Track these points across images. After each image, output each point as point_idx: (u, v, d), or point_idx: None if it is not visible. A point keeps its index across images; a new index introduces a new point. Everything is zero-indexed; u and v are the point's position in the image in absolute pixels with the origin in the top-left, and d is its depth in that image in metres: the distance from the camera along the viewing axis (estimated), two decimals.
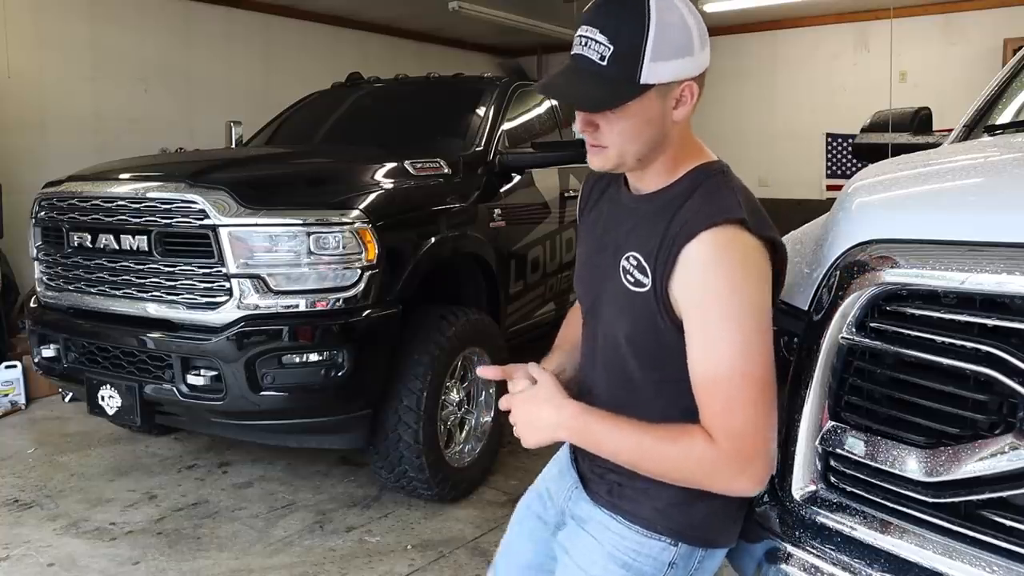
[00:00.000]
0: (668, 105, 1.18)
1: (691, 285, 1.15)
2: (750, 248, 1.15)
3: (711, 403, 1.15)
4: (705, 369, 1.15)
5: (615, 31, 1.13)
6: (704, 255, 1.14)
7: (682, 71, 1.17)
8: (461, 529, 3.16)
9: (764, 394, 1.14)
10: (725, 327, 1.13)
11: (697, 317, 1.16)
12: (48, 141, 5.86)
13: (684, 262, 1.15)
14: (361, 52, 8.21)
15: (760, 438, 1.14)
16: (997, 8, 7.51)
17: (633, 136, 1.18)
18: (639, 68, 1.13)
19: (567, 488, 1.43)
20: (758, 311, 1.15)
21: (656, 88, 1.15)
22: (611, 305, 1.28)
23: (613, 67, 1.13)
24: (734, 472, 1.14)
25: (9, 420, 4.52)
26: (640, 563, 1.27)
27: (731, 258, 1.14)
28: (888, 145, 2.62)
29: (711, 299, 1.14)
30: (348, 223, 2.95)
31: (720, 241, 1.14)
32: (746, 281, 1.14)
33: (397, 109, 4.60)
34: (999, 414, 1.09)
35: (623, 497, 1.30)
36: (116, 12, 6.34)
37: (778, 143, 8.71)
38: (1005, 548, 1.07)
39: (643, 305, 1.21)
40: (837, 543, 1.24)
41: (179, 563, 2.90)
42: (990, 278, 1.08)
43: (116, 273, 3.15)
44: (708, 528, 1.29)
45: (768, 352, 1.16)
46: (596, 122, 1.18)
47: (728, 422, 1.13)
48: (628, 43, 1.12)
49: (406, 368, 3.13)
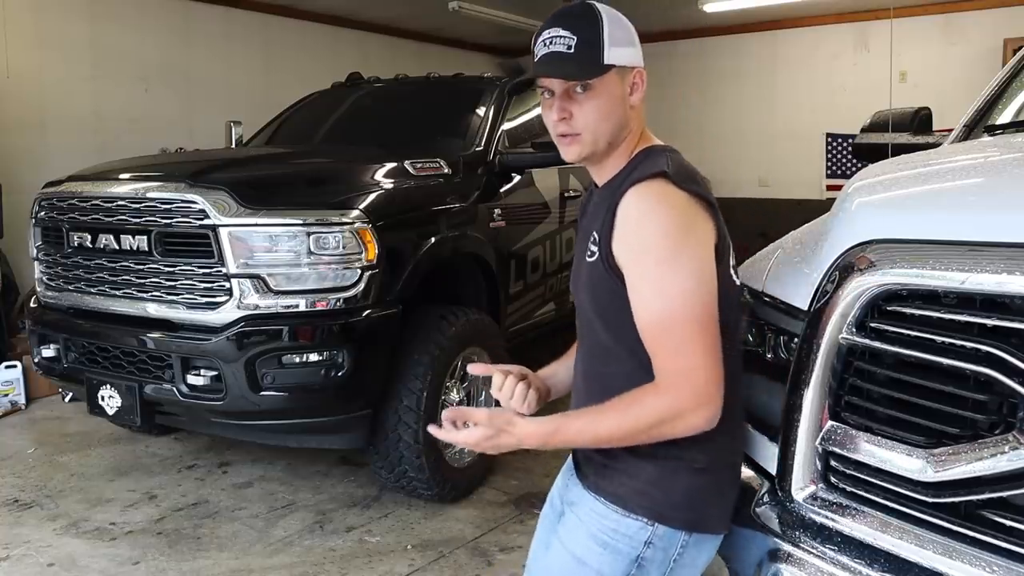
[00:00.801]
0: (626, 89, 1.35)
1: (625, 239, 1.27)
2: (674, 196, 1.26)
3: (659, 348, 1.25)
4: (647, 316, 1.25)
5: (576, 27, 1.32)
6: (631, 209, 1.27)
7: (633, 58, 1.36)
8: (461, 529, 3.16)
9: (707, 333, 1.23)
10: (660, 272, 1.23)
11: (634, 269, 1.26)
12: (48, 141, 5.86)
13: (619, 219, 1.28)
14: (361, 52, 8.20)
15: (708, 371, 1.23)
16: (997, 8, 7.50)
17: (604, 115, 1.33)
18: (601, 51, 1.31)
19: (566, 478, 1.51)
20: (691, 252, 1.24)
21: (616, 69, 1.33)
22: (580, 284, 1.40)
23: (580, 52, 1.31)
24: (690, 409, 1.23)
25: (9, 420, 4.52)
26: (616, 541, 1.31)
27: (657, 206, 1.26)
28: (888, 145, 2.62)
29: (643, 248, 1.25)
30: (348, 223, 2.95)
31: (643, 193, 1.27)
32: (673, 226, 1.25)
33: (397, 109, 4.60)
34: (999, 414, 1.09)
35: (605, 478, 1.36)
36: (116, 12, 6.34)
37: (778, 143, 8.71)
38: (1005, 548, 1.07)
39: (597, 272, 1.32)
40: (837, 543, 1.24)
41: (179, 563, 2.90)
42: (990, 278, 1.08)
43: (116, 273, 3.15)
44: (688, 508, 1.31)
45: (706, 293, 1.24)
46: (570, 108, 1.33)
47: (676, 363, 1.23)
48: (589, 33, 1.31)
49: (406, 368, 3.13)
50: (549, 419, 1.31)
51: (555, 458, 1.57)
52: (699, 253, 1.25)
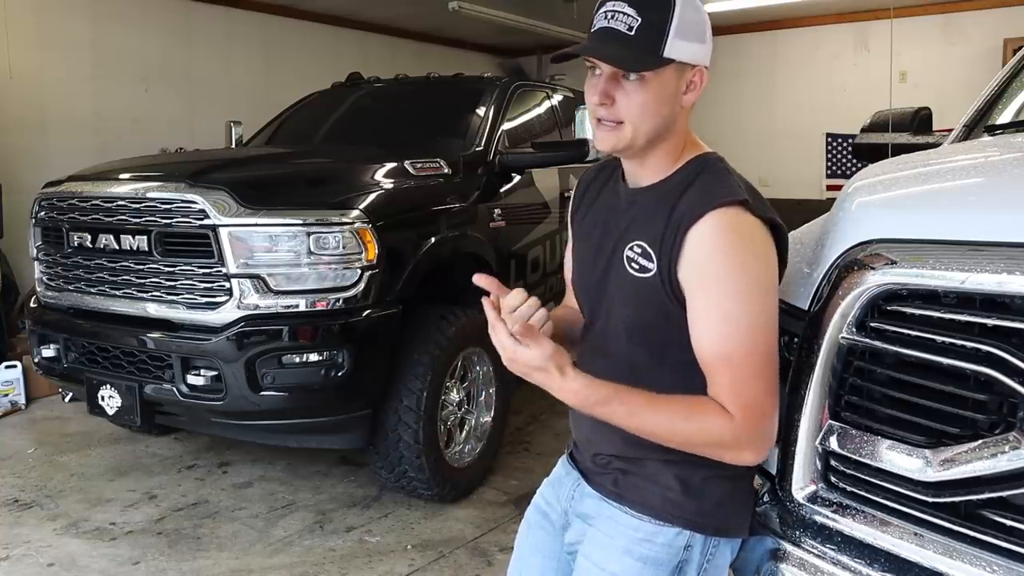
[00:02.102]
0: (681, 87, 1.23)
1: (698, 264, 1.18)
2: (754, 228, 1.20)
3: (720, 379, 1.19)
4: (713, 346, 1.19)
5: (644, 5, 1.19)
6: (710, 235, 1.17)
7: (698, 55, 1.23)
8: (461, 529, 3.16)
9: (769, 368, 1.19)
10: (732, 304, 1.17)
11: (704, 295, 1.19)
12: (49, 141, 5.86)
13: (691, 243, 1.18)
14: (361, 52, 8.21)
15: (767, 411, 1.20)
16: (997, 8, 7.50)
17: (650, 111, 1.21)
18: (664, 41, 1.18)
19: (568, 489, 1.43)
20: (764, 288, 1.19)
21: (675, 65, 1.20)
22: (618, 296, 1.30)
23: (640, 36, 1.18)
24: (742, 444, 1.19)
25: (9, 420, 4.52)
26: (656, 552, 1.27)
27: (736, 237, 1.18)
28: (888, 145, 2.62)
29: (718, 277, 1.17)
30: (348, 223, 2.95)
31: (725, 221, 1.17)
32: (752, 259, 1.18)
33: (397, 109, 4.60)
34: (999, 414, 1.09)
35: (629, 486, 1.30)
36: (117, 12, 6.34)
37: (778, 143, 8.71)
38: (1005, 548, 1.07)
39: (649, 290, 1.24)
40: (837, 543, 1.24)
41: (179, 563, 2.90)
42: (990, 278, 1.07)
43: (116, 273, 3.15)
44: (718, 515, 1.29)
45: (773, 328, 1.20)
46: (614, 94, 1.21)
47: (741, 397, 1.18)
48: (655, 17, 1.18)
49: (406, 368, 3.13)
50: (600, 384, 1.19)
51: (557, 458, 1.55)
52: (769, 289, 1.20)
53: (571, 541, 1.42)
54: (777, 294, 1.22)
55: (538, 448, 3.95)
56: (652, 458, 1.28)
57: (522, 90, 4.50)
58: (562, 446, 1.45)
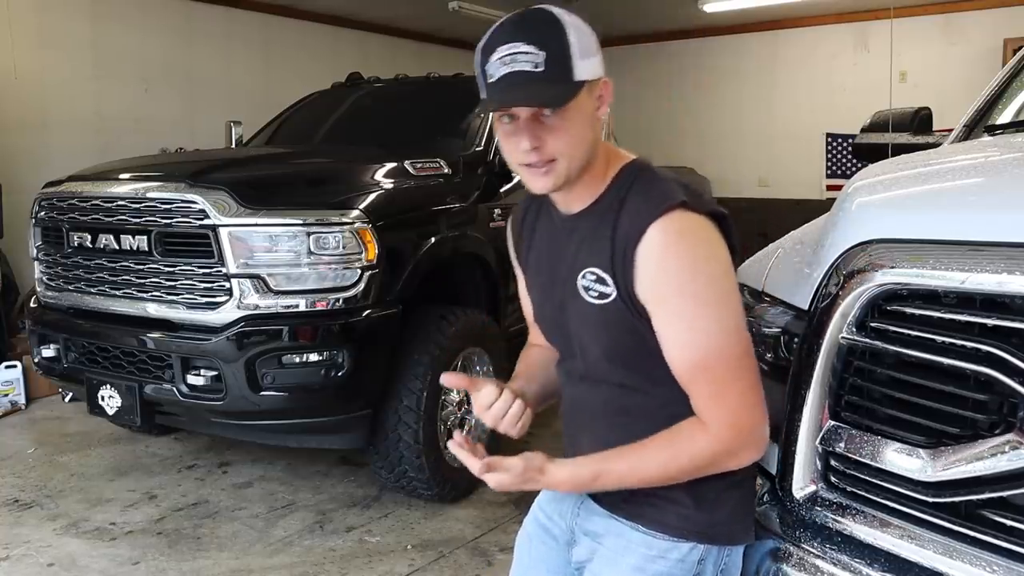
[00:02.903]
0: (594, 104, 1.21)
1: (654, 279, 1.16)
2: (698, 226, 1.18)
3: (699, 390, 1.18)
4: (686, 358, 1.18)
5: (542, 40, 1.15)
6: (658, 247, 1.15)
7: (599, 68, 1.21)
8: (461, 529, 3.16)
9: (746, 366, 1.18)
10: (695, 312, 1.16)
11: (666, 309, 1.17)
12: (49, 141, 5.86)
13: (641, 259, 1.16)
14: (361, 52, 8.20)
15: (753, 409, 1.18)
16: (997, 8, 7.50)
17: (579, 139, 1.19)
18: (572, 67, 1.16)
19: (572, 506, 1.40)
20: (722, 287, 1.17)
21: (587, 85, 1.18)
22: (584, 327, 1.27)
23: (551, 70, 1.14)
24: (739, 448, 1.19)
25: (9, 420, 4.52)
26: (670, 568, 1.25)
27: (684, 242, 1.16)
28: (888, 145, 2.62)
29: (676, 288, 1.16)
30: (348, 223, 2.95)
31: (669, 229, 1.15)
32: (703, 261, 1.17)
33: (397, 109, 4.60)
34: (999, 414, 1.09)
35: (642, 504, 1.28)
36: (118, 12, 6.34)
37: (778, 143, 8.71)
38: (1005, 548, 1.07)
39: (615, 314, 1.21)
40: (837, 543, 1.24)
41: (179, 563, 2.90)
42: (990, 278, 1.07)
43: (116, 273, 3.15)
44: (730, 524, 1.28)
45: (740, 323, 1.18)
46: (541, 135, 1.17)
47: (721, 406, 1.17)
48: (557, 46, 1.15)
49: (406, 368, 3.13)
50: (584, 463, 1.22)
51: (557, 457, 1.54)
52: (728, 285, 1.18)
53: (580, 559, 1.38)
54: (737, 288, 1.21)
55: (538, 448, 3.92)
56: None
57: None
58: (562, 446, 1.44)
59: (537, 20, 1.17)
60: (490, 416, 1.30)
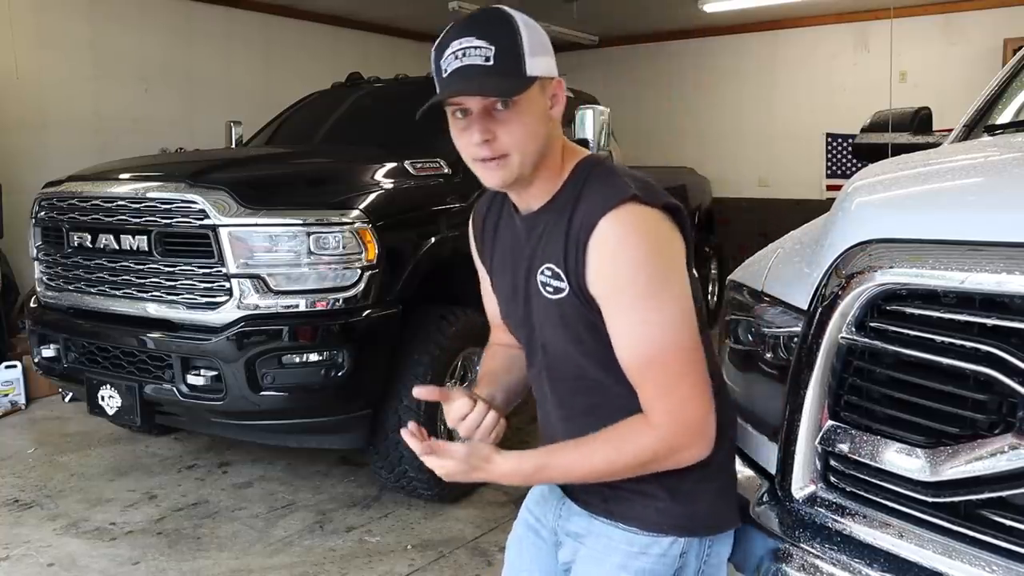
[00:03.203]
0: (547, 103, 1.23)
1: (604, 272, 1.17)
2: (649, 219, 1.18)
3: (646, 385, 1.19)
4: (633, 352, 1.18)
5: (493, 36, 1.17)
6: (608, 241, 1.16)
7: (552, 68, 1.23)
8: (461, 529, 3.16)
9: (694, 362, 1.19)
10: (644, 306, 1.16)
11: (615, 303, 1.18)
12: (49, 141, 5.86)
13: (592, 254, 1.17)
14: (361, 52, 8.20)
15: (700, 406, 1.19)
16: (997, 8, 7.50)
17: (531, 133, 1.20)
18: (523, 62, 1.18)
19: (554, 507, 1.41)
20: (673, 281, 1.18)
21: (539, 81, 1.20)
22: (546, 323, 1.28)
23: (501, 64, 1.17)
24: (683, 445, 1.19)
25: (9, 420, 4.52)
26: (652, 564, 1.26)
27: (636, 235, 1.16)
28: (888, 145, 2.62)
29: (625, 281, 1.16)
30: (348, 223, 2.95)
31: (619, 222, 1.16)
32: (654, 253, 1.17)
33: (397, 109, 4.59)
34: (999, 414, 1.09)
35: (620, 501, 1.29)
36: (117, 12, 6.34)
37: (778, 143, 8.71)
38: (1005, 548, 1.07)
39: (570, 308, 1.22)
40: (837, 543, 1.24)
41: (179, 563, 2.90)
42: (990, 278, 1.07)
43: (116, 273, 3.15)
44: (709, 515, 1.29)
45: (688, 318, 1.19)
46: (493, 129, 1.19)
47: (667, 401, 1.17)
48: (508, 42, 1.17)
49: (406, 368, 3.13)
50: (529, 456, 1.23)
51: None
52: (679, 279, 1.18)
53: (565, 560, 1.40)
54: (688, 283, 1.21)
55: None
56: None
57: None
58: None
59: (489, 17, 1.20)
60: (464, 427, 1.32)
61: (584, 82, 5.95)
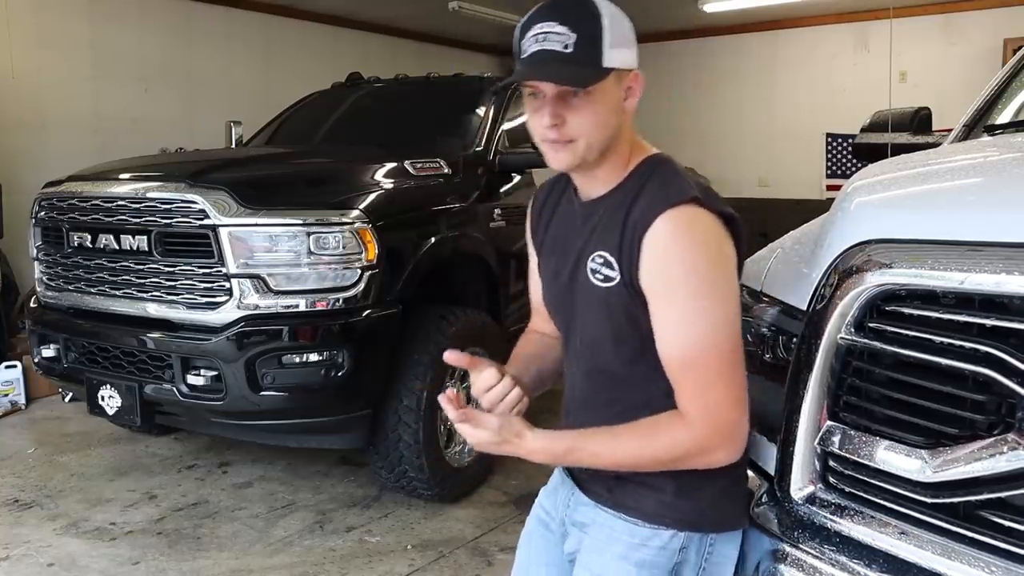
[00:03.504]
0: (622, 95, 1.25)
1: (656, 268, 1.19)
2: (708, 223, 1.20)
3: (685, 383, 1.20)
4: (676, 350, 1.20)
5: (575, 22, 1.19)
6: (665, 237, 1.18)
7: (631, 60, 1.24)
8: (461, 529, 3.16)
9: (734, 365, 1.20)
10: (692, 305, 1.18)
11: (664, 299, 1.20)
12: (48, 141, 5.86)
13: (647, 247, 1.19)
14: (361, 52, 8.21)
15: (734, 409, 1.20)
16: (997, 8, 7.50)
17: (600, 123, 1.22)
18: (601, 53, 1.19)
19: (564, 498, 1.43)
20: (722, 285, 1.19)
21: (615, 73, 1.21)
22: (587, 309, 1.30)
23: (579, 52, 1.18)
24: (715, 446, 1.20)
25: (9, 420, 4.52)
26: (652, 556, 1.27)
27: (690, 237, 1.18)
28: (888, 145, 2.62)
29: (676, 279, 1.18)
30: (348, 223, 2.95)
31: (678, 221, 1.18)
32: (706, 258, 1.19)
33: (397, 109, 4.60)
34: (998, 414, 1.09)
35: (625, 492, 1.30)
36: (117, 12, 6.34)
37: (778, 143, 8.71)
38: (1004, 548, 1.07)
39: (616, 298, 1.24)
40: (836, 543, 1.23)
41: (179, 563, 2.90)
42: (989, 278, 1.07)
43: (116, 273, 3.15)
44: (714, 512, 1.29)
45: (733, 323, 1.20)
46: (563, 114, 1.21)
47: (703, 400, 1.19)
48: (589, 31, 1.19)
49: (406, 368, 3.13)
50: (560, 436, 1.25)
51: None
52: (728, 284, 1.20)
53: (570, 550, 1.41)
54: (737, 289, 1.22)
55: None
56: None
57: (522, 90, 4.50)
58: None
59: (575, 4, 1.21)
60: (488, 398, 1.32)
61: None
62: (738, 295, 1.22)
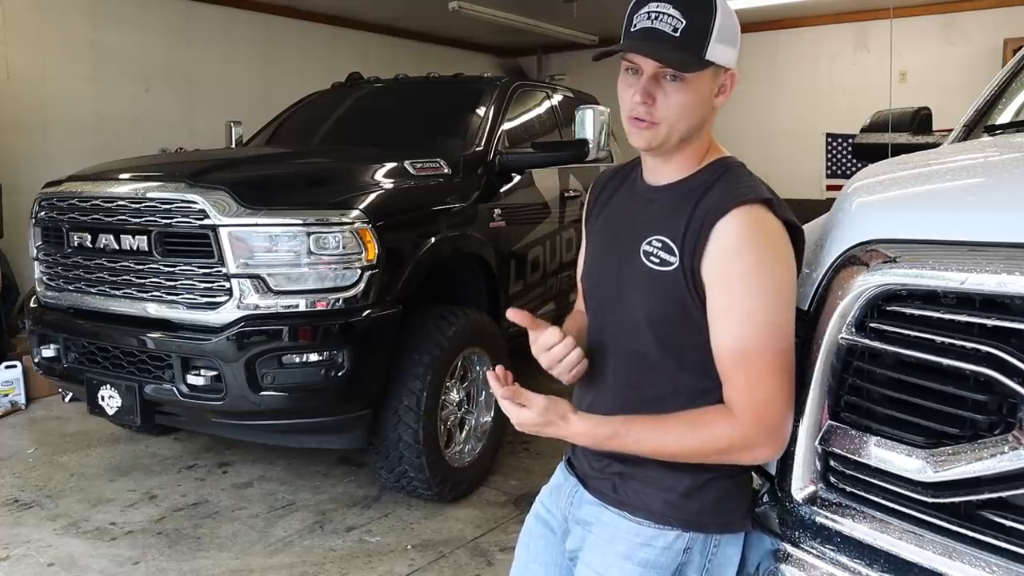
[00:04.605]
0: (714, 90, 1.27)
1: (722, 260, 1.21)
2: (775, 227, 1.23)
3: (737, 377, 1.21)
4: (734, 342, 1.21)
5: (689, 10, 1.21)
6: (737, 229, 1.20)
7: (732, 58, 1.26)
8: (461, 529, 3.16)
9: (783, 367, 1.21)
10: (753, 302, 1.19)
11: (725, 292, 1.21)
12: (49, 141, 5.86)
13: (716, 237, 1.21)
14: (361, 52, 8.21)
15: (782, 407, 1.22)
16: (997, 8, 7.50)
17: (687, 112, 1.24)
18: (706, 44, 1.21)
19: (567, 495, 1.43)
20: (783, 287, 1.21)
21: (713, 68, 1.23)
22: (633, 289, 1.30)
23: (686, 38, 1.20)
24: (760, 443, 1.22)
25: (9, 420, 4.52)
26: (656, 556, 1.28)
27: (759, 235, 1.20)
28: (888, 145, 2.62)
29: (740, 273, 1.19)
30: (348, 223, 2.95)
31: (750, 218, 1.21)
32: (773, 258, 1.21)
33: (397, 109, 4.60)
34: (999, 414, 1.09)
35: (629, 491, 1.31)
36: (117, 12, 6.35)
37: (778, 143, 8.71)
38: (1005, 548, 1.07)
39: (670, 284, 1.25)
40: (837, 543, 1.24)
41: (179, 563, 2.90)
42: (990, 278, 1.07)
43: (116, 273, 3.15)
44: (718, 513, 1.30)
45: (789, 327, 1.22)
46: (654, 94, 1.23)
47: (753, 395, 1.20)
48: (700, 21, 1.21)
49: (406, 368, 3.13)
50: (606, 421, 1.25)
51: (557, 459, 1.55)
52: (788, 286, 1.22)
53: (571, 548, 1.41)
54: (795, 294, 1.24)
55: (538, 448, 3.95)
56: (652, 462, 1.28)
57: (522, 90, 4.50)
58: (561, 447, 1.44)
59: None
60: (547, 357, 1.32)
61: (584, 82, 5.95)
62: (795, 301, 1.24)
